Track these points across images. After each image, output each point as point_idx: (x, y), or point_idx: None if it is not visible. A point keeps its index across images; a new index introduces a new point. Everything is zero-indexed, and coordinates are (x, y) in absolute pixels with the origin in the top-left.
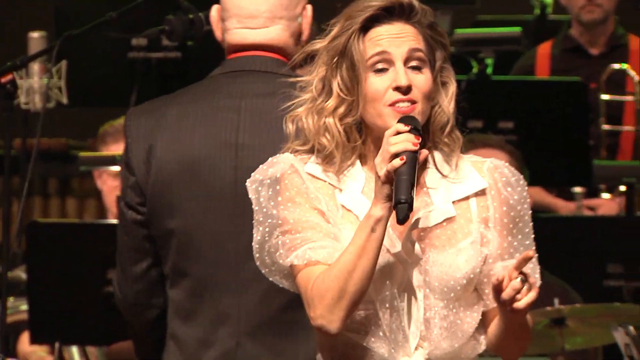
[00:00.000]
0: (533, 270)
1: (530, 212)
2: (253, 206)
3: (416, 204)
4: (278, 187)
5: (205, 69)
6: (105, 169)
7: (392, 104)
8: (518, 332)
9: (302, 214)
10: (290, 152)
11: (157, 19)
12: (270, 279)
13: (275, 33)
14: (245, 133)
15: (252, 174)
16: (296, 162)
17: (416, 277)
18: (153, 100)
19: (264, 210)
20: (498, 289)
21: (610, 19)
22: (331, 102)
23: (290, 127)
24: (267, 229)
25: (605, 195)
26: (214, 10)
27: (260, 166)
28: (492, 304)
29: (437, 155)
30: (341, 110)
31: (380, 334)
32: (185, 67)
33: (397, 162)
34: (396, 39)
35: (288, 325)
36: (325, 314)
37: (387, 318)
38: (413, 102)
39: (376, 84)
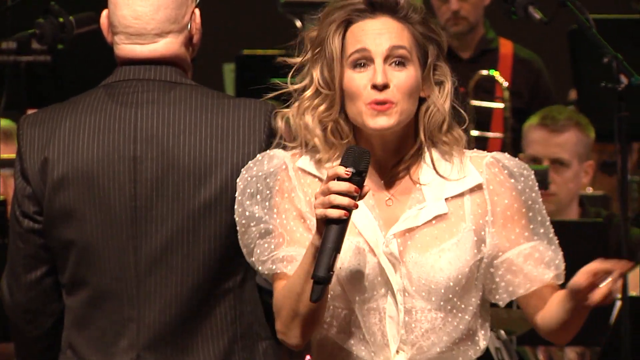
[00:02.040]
0: (554, 255)
1: (540, 200)
2: (235, 204)
3: (407, 202)
4: (259, 186)
5: (76, 72)
6: None
7: (370, 103)
8: (580, 320)
9: (277, 217)
10: (285, 149)
11: (28, 22)
12: (260, 274)
13: (165, 47)
14: (143, 144)
15: (242, 171)
16: (287, 157)
17: (397, 280)
18: (46, 108)
19: (240, 209)
20: (581, 289)
21: (480, 24)
22: (311, 98)
23: (279, 124)
24: (242, 229)
25: None
26: (104, 16)
27: (249, 163)
28: (516, 292)
29: (435, 152)
30: (322, 107)
31: (361, 336)
32: (55, 71)
33: (335, 212)
34: (378, 35)
35: (189, 337)
36: (284, 329)
37: (367, 320)
38: (390, 102)
39: (355, 81)
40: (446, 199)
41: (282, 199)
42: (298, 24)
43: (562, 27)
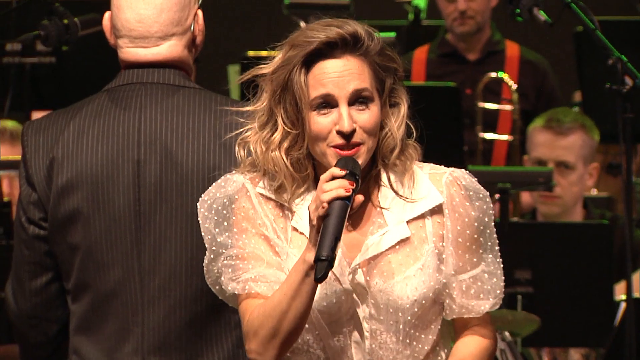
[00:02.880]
0: (496, 284)
1: (493, 224)
2: (201, 230)
3: (368, 226)
4: (225, 212)
5: (80, 74)
6: None
7: (335, 147)
8: None
9: (248, 241)
10: (241, 173)
11: (32, 23)
12: (221, 297)
13: (168, 50)
14: (146, 148)
15: (202, 196)
16: (247, 183)
17: (362, 308)
18: (50, 114)
19: (210, 235)
20: None
21: (486, 25)
22: (277, 136)
23: (241, 153)
24: (212, 255)
25: None
26: (106, 18)
27: (210, 188)
28: (450, 315)
29: (391, 173)
30: (286, 143)
31: None
32: (59, 72)
33: (326, 208)
34: (340, 78)
35: (193, 342)
36: (259, 349)
37: (333, 346)
38: (357, 144)
39: (320, 124)
40: (407, 222)
41: (248, 224)
42: (303, 25)
43: (566, 29)
